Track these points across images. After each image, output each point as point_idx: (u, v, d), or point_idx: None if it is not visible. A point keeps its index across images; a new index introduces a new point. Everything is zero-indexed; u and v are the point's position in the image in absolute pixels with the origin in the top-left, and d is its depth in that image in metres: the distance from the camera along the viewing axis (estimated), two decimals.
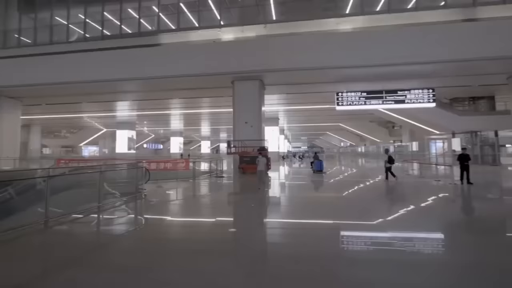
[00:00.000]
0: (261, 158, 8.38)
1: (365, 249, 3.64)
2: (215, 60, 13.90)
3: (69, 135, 47.77)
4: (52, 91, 17.13)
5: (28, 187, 6.82)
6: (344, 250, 3.62)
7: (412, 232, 4.32)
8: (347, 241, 4.00)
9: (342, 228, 4.49)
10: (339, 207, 6.22)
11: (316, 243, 3.71)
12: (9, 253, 3.44)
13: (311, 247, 3.53)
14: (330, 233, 4.21)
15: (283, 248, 3.60)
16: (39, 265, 3.09)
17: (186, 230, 4.78)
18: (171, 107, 26.34)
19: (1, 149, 17.42)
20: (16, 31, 16.82)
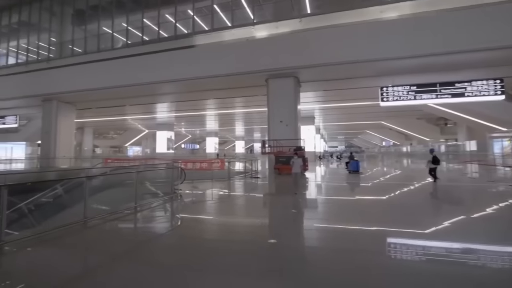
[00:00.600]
0: (296, 159, 7.61)
1: (417, 259, 3.22)
2: (249, 58, 13.61)
3: (116, 136, 51.83)
4: (100, 96, 18.41)
5: (75, 185, 7.15)
6: (396, 263, 3.11)
7: (476, 243, 3.64)
8: (398, 251, 3.47)
9: (389, 236, 3.96)
10: (383, 212, 5.60)
11: (357, 248, 3.43)
12: (61, 249, 3.57)
13: (349, 253, 3.28)
14: (375, 241, 3.74)
15: (322, 253, 3.39)
16: (89, 259, 3.31)
17: (222, 230, 4.66)
18: (206, 108, 26.83)
19: (59, 149, 19.24)
20: (70, 42, 18.40)
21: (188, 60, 14.98)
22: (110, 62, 16.62)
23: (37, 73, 18.46)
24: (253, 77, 14.25)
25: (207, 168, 13.45)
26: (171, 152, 33.04)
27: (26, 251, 3.44)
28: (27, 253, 3.40)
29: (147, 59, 15.88)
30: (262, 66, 13.44)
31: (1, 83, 19.34)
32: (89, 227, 4.42)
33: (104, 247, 3.66)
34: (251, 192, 8.77)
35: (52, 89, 17.93)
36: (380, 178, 12.41)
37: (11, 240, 3.54)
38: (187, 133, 49.20)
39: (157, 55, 15.79)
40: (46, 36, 19.15)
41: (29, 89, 18.52)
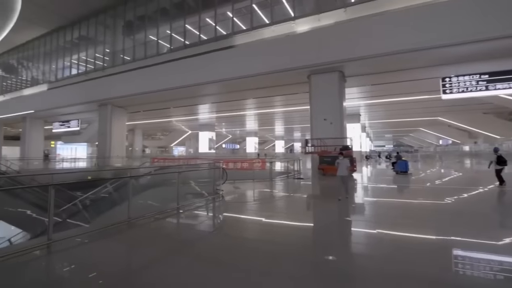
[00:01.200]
0: (342, 160, 6.49)
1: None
2: (290, 54, 13.03)
3: (162, 137, 55.36)
4: (147, 99, 19.53)
5: (122, 184, 7.40)
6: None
7: None
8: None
9: (457, 247, 3.41)
10: (443, 219, 4.85)
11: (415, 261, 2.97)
12: (107, 249, 3.60)
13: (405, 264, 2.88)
14: (438, 254, 3.18)
15: (371, 261, 3.09)
16: (133, 259, 3.29)
17: (266, 232, 4.42)
18: (246, 108, 26.86)
19: (113, 149, 20.95)
20: (121, 51, 19.84)
21: (228, 61, 15.00)
22: (155, 67, 17.52)
23: (94, 81, 20.31)
24: (295, 74, 13.65)
25: (247, 168, 13.25)
26: (213, 152, 33.92)
27: (73, 250, 3.42)
28: (74, 252, 3.38)
29: (189, 62, 16.31)
30: (304, 62, 12.76)
31: (66, 92, 21.76)
32: (133, 227, 4.36)
33: (147, 247, 3.59)
34: (295, 194, 8.22)
35: (106, 94, 19.57)
36: (436, 180, 10.84)
37: (60, 239, 3.55)
38: (227, 133, 50.28)
39: (199, 57, 16.11)
40: (101, 47, 20.94)
41: (88, 96, 20.51)
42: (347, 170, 6.51)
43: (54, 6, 20.16)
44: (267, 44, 14.47)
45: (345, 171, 6.46)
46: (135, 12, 19.35)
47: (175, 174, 6.15)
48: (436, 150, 56.09)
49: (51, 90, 23.18)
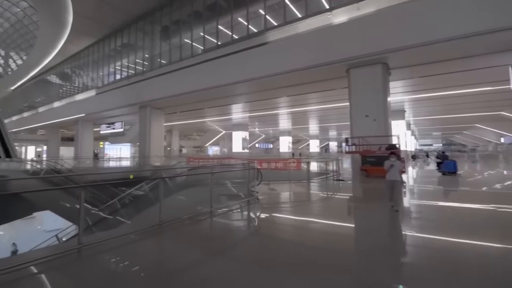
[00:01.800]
0: (395, 162, 5.45)
1: None
2: (326, 48, 12.22)
3: (198, 137, 57.20)
4: (182, 100, 20.05)
5: (157, 184, 7.40)
6: None
7: None
8: None
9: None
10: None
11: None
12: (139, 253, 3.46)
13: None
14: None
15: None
16: (164, 264, 3.13)
17: (307, 238, 4.03)
18: (279, 107, 26.30)
19: (152, 149, 21.94)
20: (158, 55, 20.63)
21: (260, 58, 14.63)
22: (189, 68, 17.87)
23: (134, 85, 21.44)
24: (332, 69, 12.78)
25: (282, 168, 12.74)
26: (246, 152, 33.95)
27: (104, 255, 3.27)
28: (103, 258, 3.23)
29: (221, 62, 16.30)
30: (342, 55, 11.85)
31: (111, 96, 23.34)
32: (165, 231, 4.13)
33: (180, 253, 3.41)
34: (336, 196, 7.53)
35: (145, 97, 20.53)
36: (496, 184, 9.22)
37: (90, 243, 3.42)
38: (260, 132, 50.15)
39: (231, 56, 16.00)
40: (141, 52, 22.02)
41: (129, 99, 21.73)
42: (400, 175, 5.45)
43: (101, 17, 21.68)
44: (302, 39, 13.76)
45: (397, 175, 5.36)
46: (171, 17, 19.97)
47: (208, 174, 5.92)
48: (496, 149, 49.61)
49: (99, 95, 25.05)
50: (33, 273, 2.71)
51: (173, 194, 5.84)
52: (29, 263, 2.74)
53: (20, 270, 2.61)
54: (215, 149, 59.35)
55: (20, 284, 2.50)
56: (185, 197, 6.35)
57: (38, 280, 2.64)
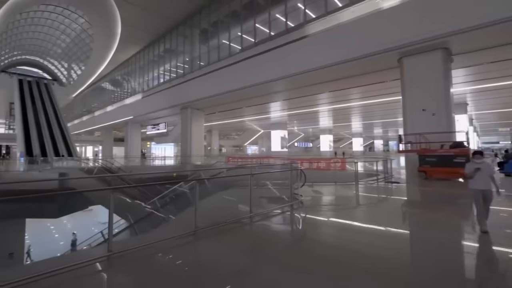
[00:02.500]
0: (483, 164, 4.09)
1: None
2: (375, 36, 11.02)
3: (236, 136, 58.04)
4: (221, 100, 20.20)
5: (194, 186, 7.25)
6: None
7: None
8: None
9: None
10: None
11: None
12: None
13: None
14: None
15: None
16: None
17: (359, 248, 3.42)
18: (319, 104, 25.15)
19: (193, 148, 22.59)
20: (197, 57, 21.10)
21: (299, 53, 13.89)
22: (227, 68, 17.85)
23: (176, 87, 22.25)
24: (380, 59, 11.53)
25: (325, 168, 11.90)
26: (285, 151, 33.29)
27: (134, 264, 3.00)
28: (134, 267, 2.96)
29: (258, 59, 15.93)
30: (394, 42, 10.55)
31: (155, 98, 24.63)
32: (200, 238, 3.77)
33: (217, 263, 3.05)
34: (392, 201, 6.54)
35: (186, 98, 21.16)
36: None
37: (120, 251, 3.15)
38: (299, 131, 48.94)
39: (269, 53, 15.52)
40: (182, 56, 22.77)
41: (172, 101, 22.63)
42: (491, 181, 4.02)
43: (145, 25, 22.98)
44: (345, 29, 12.66)
45: (488, 182, 3.98)
46: (209, 19, 20.25)
47: (247, 172, 5.50)
48: None
49: (144, 98, 26.63)
50: (54, 285, 2.46)
51: (211, 195, 5.53)
52: (52, 273, 2.51)
53: (41, 281, 2.40)
54: (254, 148, 59.66)
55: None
56: (223, 199, 6.01)
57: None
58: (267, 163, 14.59)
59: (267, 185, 6.54)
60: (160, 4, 20.07)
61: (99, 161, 18.29)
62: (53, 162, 16.09)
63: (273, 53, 15.24)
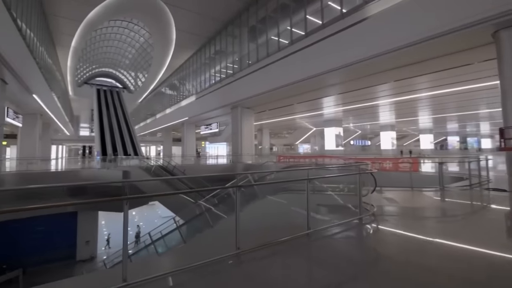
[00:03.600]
0: None
1: None
2: (458, 8, 8.87)
3: (287, 135, 56.88)
4: (270, 98, 19.52)
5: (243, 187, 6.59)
6: None
7: None
8: None
9: None
10: None
11: None
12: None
13: None
14: None
15: None
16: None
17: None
18: (379, 96, 22.45)
19: (244, 147, 22.46)
20: (246, 55, 20.81)
21: (357, 38, 12.26)
22: (276, 63, 17.09)
23: (226, 87, 22.41)
24: (465, 35, 9.22)
25: (391, 169, 10.18)
26: (341, 149, 30.92)
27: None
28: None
29: (309, 51, 14.77)
30: (487, 11, 8.28)
31: (207, 99, 25.35)
32: (243, 260, 2.98)
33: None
34: (500, 217, 4.84)
35: (236, 98, 21.08)
36: None
37: (138, 281, 2.36)
38: (356, 128, 45.32)
39: (322, 43, 14.19)
40: (231, 55, 22.82)
41: (223, 100, 22.89)
42: None
43: (197, 29, 23.75)
44: (416, 4, 10.62)
45: None
46: (257, 15, 19.75)
47: (302, 176, 4.54)
48: None
49: (198, 99, 27.68)
50: None
51: (258, 199, 4.75)
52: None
53: None
54: (306, 147, 57.71)
55: None
56: (273, 205, 5.13)
57: None
58: (324, 163, 13.26)
59: (325, 189, 5.46)
60: (210, 6, 20.39)
61: (160, 160, 19.41)
62: (119, 161, 17.60)
63: (326, 42, 13.88)
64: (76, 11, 20.30)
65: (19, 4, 13.31)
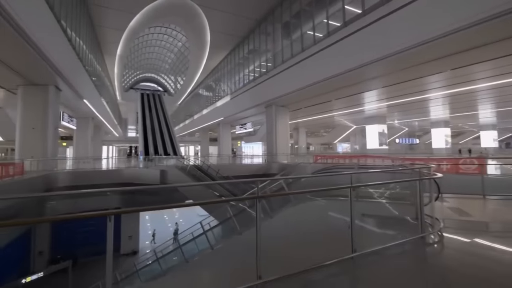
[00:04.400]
0: None
1: None
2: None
3: (325, 134, 54.60)
4: (305, 94, 18.58)
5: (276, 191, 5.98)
6: None
7: None
8: None
9: None
10: None
11: None
12: None
13: None
14: None
15: None
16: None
17: None
18: (431, 88, 19.95)
19: (279, 147, 21.83)
20: (280, 51, 20.10)
21: (406, 23, 10.81)
22: (312, 58, 16.18)
23: (260, 85, 21.98)
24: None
25: (449, 171, 8.72)
26: (385, 148, 28.45)
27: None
28: None
29: (347, 42, 13.60)
30: None
31: (241, 99, 25.23)
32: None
33: None
34: None
35: (270, 96, 20.54)
36: None
37: None
38: (401, 125, 41.59)
39: (361, 32, 12.94)
40: (265, 53, 22.31)
41: (257, 99, 22.51)
42: None
43: (231, 29, 23.73)
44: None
45: None
46: (291, 10, 18.95)
47: (344, 181, 3.76)
48: None
49: (232, 99, 27.75)
50: None
51: (287, 207, 4.06)
52: None
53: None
54: (345, 146, 54.83)
55: None
56: (304, 217, 4.27)
57: None
58: (369, 164, 11.97)
59: (370, 195, 4.59)
60: (243, 5, 20.15)
61: (194, 160, 19.76)
62: (158, 160, 18.30)
63: (367, 31, 12.57)
64: (119, 20, 21.64)
65: (68, 16, 14.45)
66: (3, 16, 8.24)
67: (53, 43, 12.40)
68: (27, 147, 13.36)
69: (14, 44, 9.89)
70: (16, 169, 10.11)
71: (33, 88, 13.84)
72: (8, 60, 11.57)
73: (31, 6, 10.25)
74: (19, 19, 8.89)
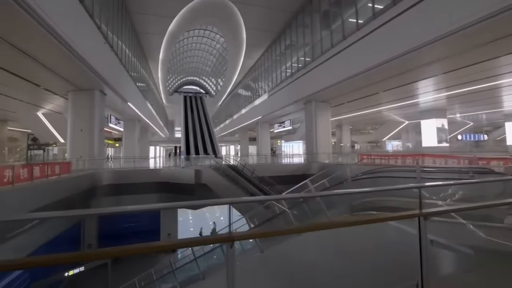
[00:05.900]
0: None
1: None
2: None
3: (372, 131, 50.45)
4: (348, 87, 16.89)
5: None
6: None
7: None
8: None
9: None
10: None
11: None
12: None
13: None
14: None
15: None
16: None
17: None
18: (504, 73, 16.47)
19: (319, 145, 20.43)
20: (319, 42, 18.66)
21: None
22: (355, 45, 14.59)
23: (298, 80, 20.84)
24: None
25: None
26: (445, 146, 24.71)
27: None
28: None
29: (394, 24, 11.81)
30: None
31: (278, 96, 24.39)
32: None
33: None
34: None
35: (309, 91, 19.28)
36: None
37: None
38: (464, 120, 36.10)
39: (413, 9, 11.03)
40: (302, 46, 21.04)
41: (295, 95, 21.40)
42: None
43: (266, 25, 23.03)
44: None
45: None
46: None
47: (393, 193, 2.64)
48: None
49: (270, 97, 27.03)
50: None
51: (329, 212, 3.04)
52: None
53: None
54: (396, 143, 49.90)
55: None
56: (341, 243, 3.05)
57: None
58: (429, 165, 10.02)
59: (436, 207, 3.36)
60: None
61: (228, 159, 19.54)
62: (195, 160, 18.48)
63: (420, 7, 10.67)
64: (159, 25, 22.51)
65: (109, 25, 15.28)
66: (51, 33, 8.97)
67: (95, 52, 13.17)
68: (76, 147, 14.52)
69: (61, 55, 10.68)
70: (63, 168, 10.74)
71: (81, 93, 14.97)
72: (57, 69, 12.62)
73: (78, 23, 11.08)
74: (64, 33, 9.56)
